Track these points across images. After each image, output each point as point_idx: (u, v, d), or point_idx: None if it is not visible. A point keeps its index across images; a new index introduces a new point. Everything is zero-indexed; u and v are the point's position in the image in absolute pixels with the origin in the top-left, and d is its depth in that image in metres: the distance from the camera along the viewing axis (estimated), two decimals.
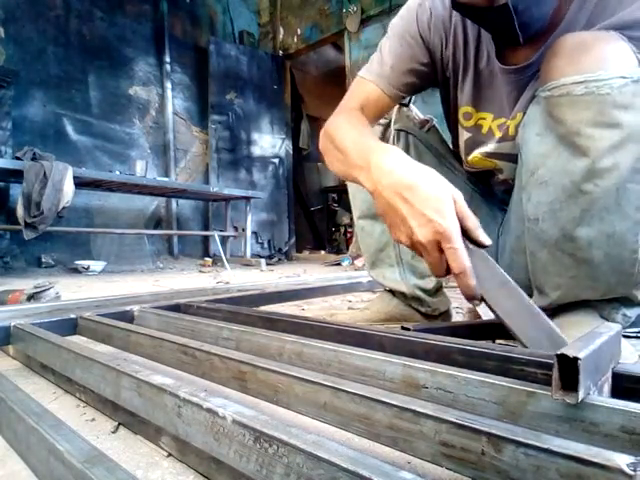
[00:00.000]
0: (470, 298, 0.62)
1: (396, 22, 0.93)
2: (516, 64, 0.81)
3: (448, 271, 0.62)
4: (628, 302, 0.77)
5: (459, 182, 1.04)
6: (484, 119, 0.91)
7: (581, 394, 0.38)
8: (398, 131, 1.05)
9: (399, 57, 0.90)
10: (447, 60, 0.90)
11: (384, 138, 1.07)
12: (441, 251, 0.61)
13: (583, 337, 0.44)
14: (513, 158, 0.88)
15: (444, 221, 0.59)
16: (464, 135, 0.96)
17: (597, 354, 0.41)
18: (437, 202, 0.60)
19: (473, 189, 1.06)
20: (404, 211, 0.62)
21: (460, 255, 0.59)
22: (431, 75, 0.93)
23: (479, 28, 0.85)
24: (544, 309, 0.83)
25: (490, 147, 0.92)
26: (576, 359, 0.37)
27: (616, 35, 0.67)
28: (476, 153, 0.95)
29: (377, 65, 0.92)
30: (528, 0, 0.68)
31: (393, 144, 1.06)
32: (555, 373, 0.39)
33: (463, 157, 0.98)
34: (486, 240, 0.62)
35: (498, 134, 0.90)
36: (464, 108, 0.92)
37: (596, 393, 0.42)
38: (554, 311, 0.81)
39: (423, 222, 0.61)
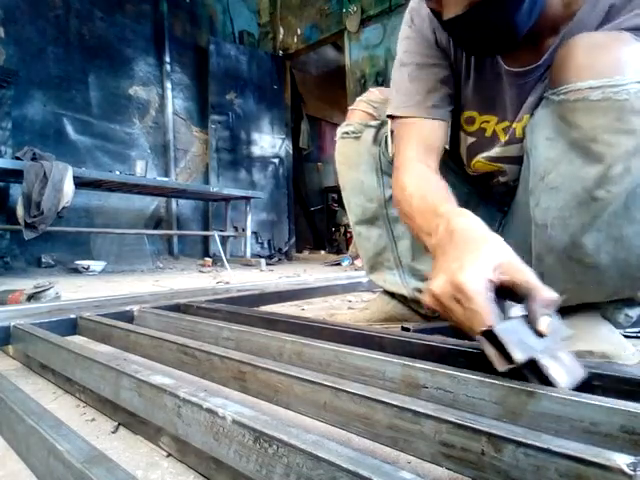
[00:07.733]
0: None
1: (404, 35, 0.88)
2: (522, 66, 0.79)
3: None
4: (631, 302, 0.77)
5: (456, 183, 1.04)
6: (487, 122, 0.89)
7: (519, 357, 0.43)
8: (392, 132, 1.03)
9: (423, 73, 0.84)
10: (453, 61, 0.87)
11: (376, 141, 1.04)
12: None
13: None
14: (519, 160, 0.86)
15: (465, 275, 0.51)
16: (467, 140, 0.93)
17: (515, 326, 0.47)
18: (471, 256, 0.54)
19: (470, 190, 1.05)
20: (440, 262, 0.57)
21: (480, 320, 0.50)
22: (452, 75, 0.87)
23: None
24: None
25: (495, 151, 0.89)
26: (490, 330, 0.45)
27: (631, 36, 0.65)
28: (479, 158, 0.93)
29: (407, 96, 0.85)
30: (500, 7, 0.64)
31: (386, 145, 1.04)
32: (490, 350, 0.46)
33: (465, 162, 0.96)
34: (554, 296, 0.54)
35: (503, 137, 0.88)
36: (466, 113, 0.90)
37: (547, 359, 0.46)
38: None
39: (447, 274, 0.53)
